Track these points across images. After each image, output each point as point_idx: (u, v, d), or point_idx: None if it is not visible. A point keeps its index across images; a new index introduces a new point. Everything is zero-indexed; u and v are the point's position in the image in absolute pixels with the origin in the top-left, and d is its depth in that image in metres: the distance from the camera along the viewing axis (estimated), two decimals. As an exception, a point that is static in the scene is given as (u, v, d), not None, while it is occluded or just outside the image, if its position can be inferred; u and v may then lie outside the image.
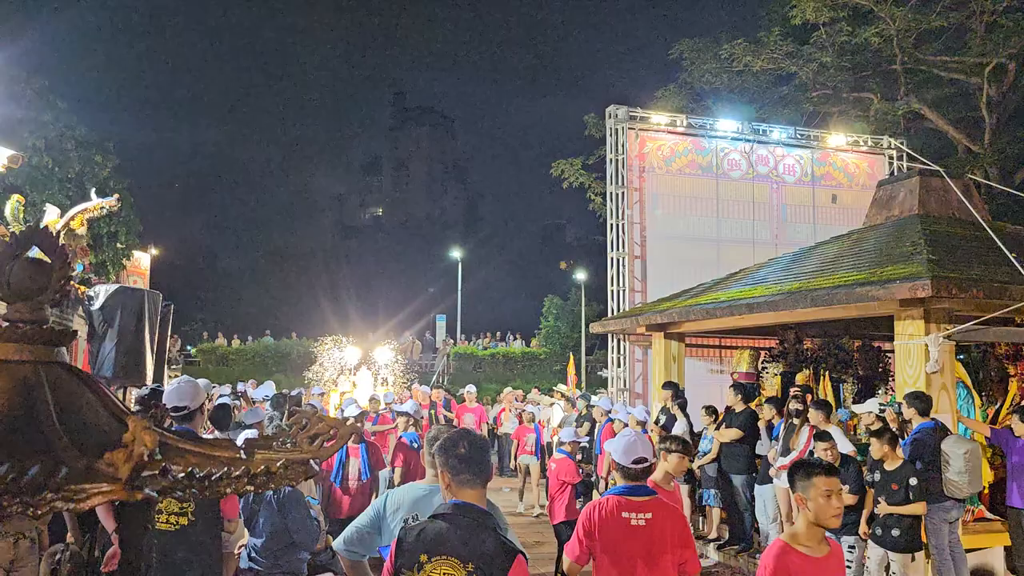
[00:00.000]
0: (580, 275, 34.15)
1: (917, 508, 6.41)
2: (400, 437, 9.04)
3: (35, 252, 1.45)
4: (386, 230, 74.62)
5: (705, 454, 9.22)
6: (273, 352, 29.85)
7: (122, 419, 1.36)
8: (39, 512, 1.05)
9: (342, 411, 9.87)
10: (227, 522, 4.54)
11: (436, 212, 77.62)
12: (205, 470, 1.24)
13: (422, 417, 9.02)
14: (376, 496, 8.24)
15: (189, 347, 30.96)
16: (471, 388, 15.72)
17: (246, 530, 5.06)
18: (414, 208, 77.39)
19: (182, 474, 1.21)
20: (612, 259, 15.72)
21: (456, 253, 38.19)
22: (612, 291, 15.63)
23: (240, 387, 16.44)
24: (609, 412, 10.72)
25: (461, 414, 14.25)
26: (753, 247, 15.80)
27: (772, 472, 8.20)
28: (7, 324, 1.37)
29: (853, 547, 6.86)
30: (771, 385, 11.35)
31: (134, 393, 9.15)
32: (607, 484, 9.15)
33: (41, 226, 1.52)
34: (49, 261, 1.42)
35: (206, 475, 1.24)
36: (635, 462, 3.90)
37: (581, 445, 8.90)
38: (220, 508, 4.38)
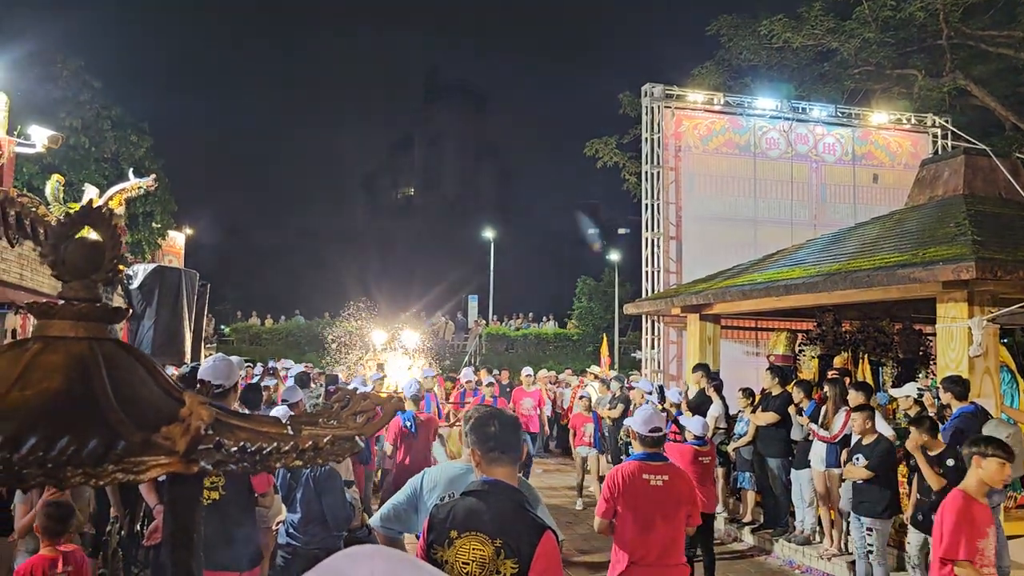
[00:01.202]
0: (614, 255, 33.93)
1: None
2: (395, 415, 8.62)
3: (86, 231, 1.48)
4: (418, 209, 74.63)
5: (740, 437, 9.19)
6: (305, 332, 30.11)
7: (173, 394, 1.39)
8: (100, 482, 1.08)
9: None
10: (260, 497, 4.59)
11: (469, 191, 77.43)
12: (256, 445, 1.26)
13: (420, 399, 8.84)
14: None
15: (222, 326, 31.32)
16: (528, 371, 14.78)
17: (284, 506, 5.13)
18: (446, 187, 77.15)
19: (234, 448, 1.24)
20: (647, 239, 15.63)
21: (488, 233, 38.06)
22: (646, 272, 15.55)
23: (271, 364, 16.75)
24: (650, 393, 10.67)
25: (519, 398, 13.37)
26: (791, 228, 15.62)
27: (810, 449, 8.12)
28: (63, 302, 1.40)
29: (871, 530, 6.76)
30: (808, 368, 11.23)
31: (174, 371, 9.33)
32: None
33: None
34: (102, 240, 1.44)
35: (257, 450, 1.26)
36: (652, 431, 4.41)
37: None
38: (251, 483, 4.42)
